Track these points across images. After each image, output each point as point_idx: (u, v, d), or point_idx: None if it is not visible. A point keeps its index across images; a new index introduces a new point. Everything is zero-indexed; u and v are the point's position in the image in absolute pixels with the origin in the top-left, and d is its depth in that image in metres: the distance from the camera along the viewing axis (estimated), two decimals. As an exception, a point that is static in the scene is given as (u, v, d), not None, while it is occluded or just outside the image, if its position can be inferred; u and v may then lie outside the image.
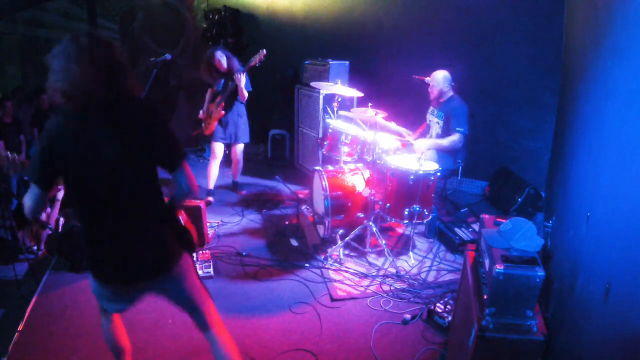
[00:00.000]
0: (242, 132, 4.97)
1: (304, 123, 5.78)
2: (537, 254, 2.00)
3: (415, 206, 3.61)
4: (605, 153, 1.86)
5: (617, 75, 1.81)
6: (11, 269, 3.83)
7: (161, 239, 1.91)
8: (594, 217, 1.86)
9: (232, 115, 4.88)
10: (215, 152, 4.97)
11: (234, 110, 4.87)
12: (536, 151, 4.96)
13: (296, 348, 2.78)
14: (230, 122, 4.88)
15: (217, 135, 4.91)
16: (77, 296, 3.27)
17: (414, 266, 3.71)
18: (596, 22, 2.38)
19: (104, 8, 8.27)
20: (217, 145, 4.95)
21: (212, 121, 4.88)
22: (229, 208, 4.86)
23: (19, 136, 5.84)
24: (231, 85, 4.75)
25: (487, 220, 2.34)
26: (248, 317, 3.05)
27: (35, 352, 2.73)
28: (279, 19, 6.72)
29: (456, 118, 3.99)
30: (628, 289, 1.38)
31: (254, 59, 4.61)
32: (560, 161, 3.15)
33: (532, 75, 4.80)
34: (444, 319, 2.91)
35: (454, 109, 4.03)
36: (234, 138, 4.95)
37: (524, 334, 1.91)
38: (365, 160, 4.07)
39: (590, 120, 2.23)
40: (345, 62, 5.41)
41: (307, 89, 5.53)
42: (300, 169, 6.03)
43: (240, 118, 4.94)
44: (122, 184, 1.79)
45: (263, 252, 3.94)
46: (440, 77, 4.09)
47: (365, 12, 5.78)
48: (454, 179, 5.27)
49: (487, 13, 4.88)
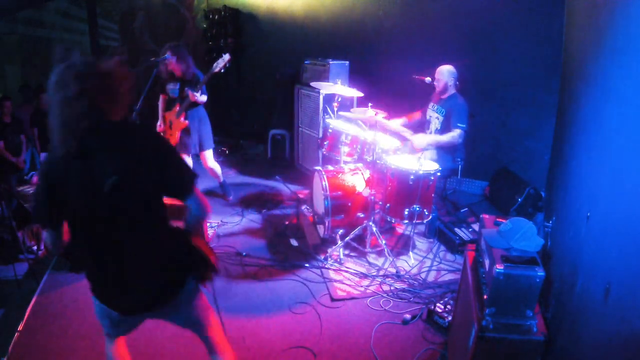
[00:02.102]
0: (206, 139, 4.62)
1: (304, 123, 5.78)
2: (537, 254, 1.99)
3: (415, 206, 3.61)
4: (605, 153, 1.86)
5: (617, 75, 1.81)
6: (11, 269, 3.83)
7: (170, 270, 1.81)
8: (594, 217, 1.86)
9: (194, 123, 4.49)
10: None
11: (195, 116, 4.49)
12: (536, 151, 4.96)
13: (296, 345, 2.78)
14: (192, 130, 4.48)
15: (181, 148, 4.50)
16: (77, 296, 3.27)
17: (414, 266, 3.71)
18: (596, 22, 2.38)
19: (104, 8, 8.28)
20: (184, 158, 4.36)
21: (174, 132, 4.47)
22: (229, 208, 4.86)
23: (19, 136, 5.83)
24: (187, 91, 4.28)
25: (487, 220, 2.34)
26: (248, 317, 3.05)
27: (35, 352, 2.73)
28: (279, 19, 6.72)
29: (458, 114, 3.99)
30: (628, 289, 1.38)
31: (218, 65, 4.24)
32: (560, 161, 3.14)
33: (532, 75, 4.80)
34: (444, 319, 2.91)
35: (455, 106, 4.03)
36: (198, 147, 4.59)
37: (524, 334, 1.91)
38: (365, 160, 4.07)
39: (590, 120, 2.23)
40: (345, 62, 5.41)
41: (307, 89, 5.53)
42: (300, 169, 6.03)
43: (202, 124, 4.57)
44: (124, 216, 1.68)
45: (263, 252, 3.94)
46: (446, 70, 4.11)
47: (365, 12, 5.78)
48: (454, 179, 5.27)
49: (487, 13, 4.88)
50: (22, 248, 4.14)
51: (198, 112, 4.53)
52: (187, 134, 4.49)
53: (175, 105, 4.46)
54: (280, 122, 6.33)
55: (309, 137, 5.72)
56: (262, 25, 6.95)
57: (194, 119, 4.49)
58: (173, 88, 4.44)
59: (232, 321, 2.98)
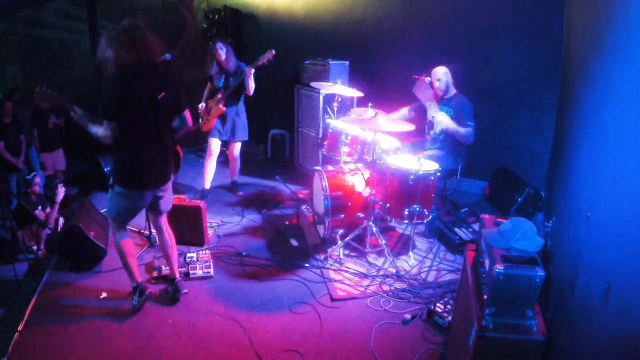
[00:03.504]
0: (240, 130, 4.94)
1: (304, 123, 5.78)
2: (537, 254, 1.99)
3: (415, 206, 3.61)
4: (605, 153, 1.86)
5: (617, 75, 1.81)
6: (11, 269, 3.83)
7: (173, 158, 2.99)
8: (594, 217, 1.86)
9: (231, 113, 4.86)
10: (212, 149, 4.92)
11: (233, 108, 4.86)
12: (536, 151, 4.96)
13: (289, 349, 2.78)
14: (228, 119, 4.87)
15: (214, 131, 4.88)
16: (77, 296, 3.27)
17: (414, 266, 3.71)
18: (596, 22, 2.38)
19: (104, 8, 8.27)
20: (214, 141, 4.90)
21: (211, 118, 4.85)
22: (229, 208, 4.86)
23: (19, 136, 5.83)
24: (232, 82, 4.74)
25: (487, 220, 2.34)
26: (248, 317, 3.05)
27: (35, 352, 2.73)
28: (279, 19, 6.72)
29: (467, 113, 3.98)
30: (628, 289, 1.38)
31: (262, 58, 4.54)
32: (560, 161, 3.15)
33: (532, 75, 4.80)
34: (444, 319, 2.91)
35: (462, 105, 4.02)
36: (231, 135, 4.92)
37: (524, 334, 1.91)
38: (365, 160, 4.07)
39: (590, 120, 2.23)
40: (345, 62, 5.41)
41: (307, 89, 5.53)
42: (300, 169, 6.02)
43: (238, 117, 4.91)
44: (162, 117, 2.78)
45: (263, 252, 3.94)
46: (442, 72, 4.11)
47: (365, 12, 5.78)
48: (454, 179, 5.27)
49: (487, 13, 4.88)
50: (22, 248, 4.15)
51: (237, 106, 4.91)
52: (224, 121, 4.88)
53: (217, 94, 4.82)
54: (280, 122, 6.33)
55: (309, 137, 5.72)
56: (262, 25, 6.95)
57: (232, 109, 4.87)
58: (219, 79, 4.84)
59: (232, 321, 2.98)
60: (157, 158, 2.82)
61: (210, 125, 4.87)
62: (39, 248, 4.59)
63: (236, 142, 5.00)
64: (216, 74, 4.84)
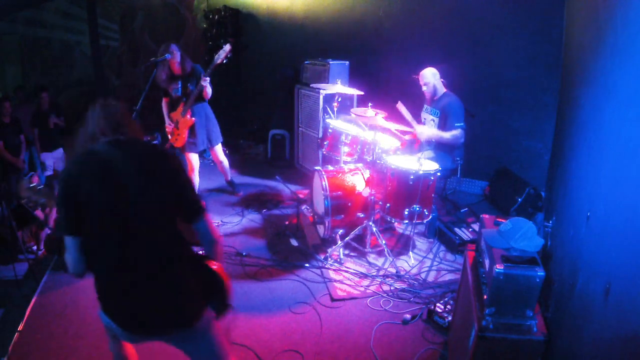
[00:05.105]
0: (214, 134, 4.67)
1: (304, 123, 5.78)
2: (537, 254, 1.99)
3: (415, 206, 3.61)
4: (605, 153, 1.86)
5: (617, 75, 1.81)
6: (11, 269, 3.83)
7: (183, 290, 1.73)
8: (594, 217, 1.86)
9: (201, 120, 4.51)
10: (193, 165, 4.60)
11: (201, 113, 4.51)
12: (536, 151, 4.96)
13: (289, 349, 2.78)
14: (200, 127, 4.51)
15: (189, 146, 4.53)
16: (77, 296, 3.27)
17: (414, 266, 3.71)
18: (596, 22, 2.38)
19: (104, 8, 8.28)
20: (193, 156, 4.59)
21: (181, 132, 4.47)
22: (229, 208, 4.86)
23: (19, 136, 5.83)
24: (191, 88, 4.34)
25: (487, 220, 2.34)
26: (248, 317, 3.05)
27: (35, 352, 2.73)
28: (279, 19, 6.72)
29: (454, 114, 3.93)
30: (628, 289, 1.37)
31: (220, 57, 4.22)
32: (560, 161, 3.14)
33: (532, 75, 4.80)
34: (444, 319, 2.91)
35: (449, 105, 3.97)
36: (207, 143, 4.64)
37: (524, 334, 1.91)
38: (365, 160, 4.07)
39: (590, 120, 2.23)
40: (345, 62, 5.41)
41: (307, 89, 5.53)
42: (300, 169, 6.02)
43: (208, 120, 4.60)
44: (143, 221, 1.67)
45: (263, 252, 3.94)
46: (429, 73, 4.07)
47: (365, 12, 5.78)
48: (454, 178, 5.27)
49: (487, 13, 4.88)
50: (22, 248, 4.14)
51: (203, 108, 4.55)
52: (196, 131, 4.50)
53: (179, 105, 4.47)
54: (280, 122, 6.33)
55: (309, 137, 5.72)
56: (262, 25, 6.95)
57: (200, 115, 4.51)
58: (175, 87, 4.45)
59: (232, 321, 2.98)
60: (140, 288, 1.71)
61: (183, 139, 4.50)
62: (39, 248, 4.59)
63: (216, 147, 4.75)
64: (169, 82, 4.43)
